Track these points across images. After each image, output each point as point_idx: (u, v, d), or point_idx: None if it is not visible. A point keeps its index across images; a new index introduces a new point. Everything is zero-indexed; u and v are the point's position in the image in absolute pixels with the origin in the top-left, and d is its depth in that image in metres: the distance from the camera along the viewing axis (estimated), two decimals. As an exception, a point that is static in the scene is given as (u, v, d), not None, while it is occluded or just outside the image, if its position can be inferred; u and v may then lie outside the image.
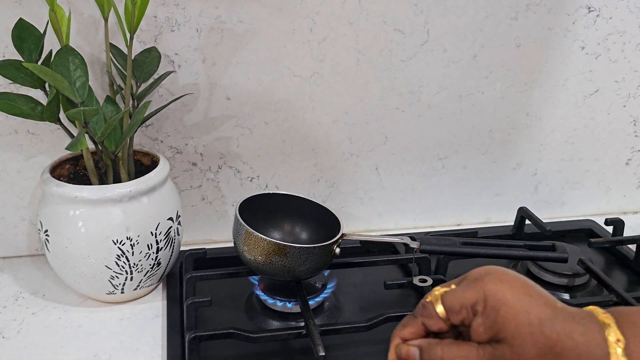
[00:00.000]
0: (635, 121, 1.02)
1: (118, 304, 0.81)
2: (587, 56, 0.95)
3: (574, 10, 0.92)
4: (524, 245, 0.80)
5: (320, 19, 0.86)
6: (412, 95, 0.93)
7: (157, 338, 0.75)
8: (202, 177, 0.92)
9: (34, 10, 0.78)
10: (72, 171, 0.82)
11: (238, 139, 0.91)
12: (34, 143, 0.85)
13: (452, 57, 0.92)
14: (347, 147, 0.94)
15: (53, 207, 0.75)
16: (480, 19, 0.90)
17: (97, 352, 0.73)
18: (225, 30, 0.84)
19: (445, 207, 1.02)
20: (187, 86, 0.86)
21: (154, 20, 0.82)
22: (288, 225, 0.83)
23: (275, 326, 0.76)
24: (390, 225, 1.02)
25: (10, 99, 0.73)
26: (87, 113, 0.71)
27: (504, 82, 0.95)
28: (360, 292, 0.84)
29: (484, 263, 0.87)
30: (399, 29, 0.88)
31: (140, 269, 0.77)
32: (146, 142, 0.88)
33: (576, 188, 1.05)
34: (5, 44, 0.80)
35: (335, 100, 0.91)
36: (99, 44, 0.82)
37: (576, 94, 0.98)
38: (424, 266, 0.82)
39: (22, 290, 0.84)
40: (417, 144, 0.96)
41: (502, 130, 0.98)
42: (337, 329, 0.71)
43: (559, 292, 0.84)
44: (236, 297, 0.82)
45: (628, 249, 0.93)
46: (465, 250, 0.77)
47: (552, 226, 0.96)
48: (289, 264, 0.73)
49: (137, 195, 0.75)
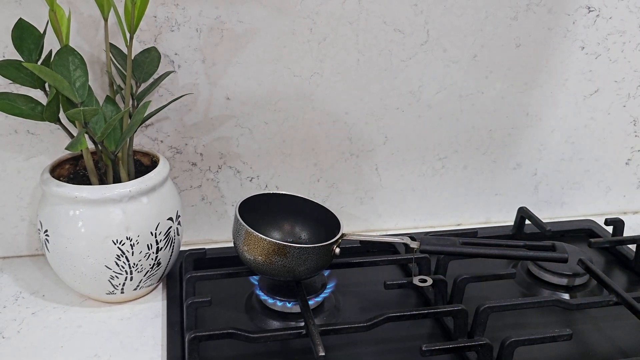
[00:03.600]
0: (635, 121, 1.02)
1: (118, 304, 0.81)
2: (587, 56, 0.95)
3: (574, 10, 0.92)
4: (524, 245, 0.80)
5: (320, 19, 0.86)
6: (412, 95, 0.93)
7: (157, 338, 0.75)
8: (202, 177, 0.92)
9: (34, 10, 0.78)
10: (72, 171, 0.82)
11: (238, 139, 0.91)
12: (34, 143, 0.85)
13: (452, 57, 0.92)
14: (347, 147, 0.94)
15: (53, 207, 0.75)
16: (480, 19, 0.90)
17: (97, 352, 0.73)
18: (225, 30, 0.84)
19: (445, 207, 1.02)
20: (187, 86, 0.86)
21: (154, 20, 0.82)
22: (288, 225, 0.83)
23: (275, 326, 0.76)
24: (390, 225, 1.02)
25: (10, 99, 0.73)
26: (87, 113, 0.71)
27: (504, 82, 0.95)
28: (360, 292, 0.84)
29: (484, 263, 0.88)
30: (399, 29, 0.88)
31: (140, 269, 0.77)
32: (146, 142, 0.88)
33: (576, 188, 1.05)
34: (5, 44, 0.80)
35: (335, 100, 0.91)
36: (99, 44, 0.82)
37: (576, 94, 0.98)
38: (424, 266, 0.83)
39: (22, 290, 0.84)
40: (417, 144, 0.96)
41: (502, 130, 0.98)
42: (337, 329, 0.71)
43: (559, 292, 0.84)
44: (236, 297, 0.82)
45: (628, 249, 0.93)
46: (465, 250, 0.77)
47: (552, 226, 0.96)
48: (289, 264, 0.73)
49: (137, 195, 0.75)
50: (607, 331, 0.77)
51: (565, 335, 0.69)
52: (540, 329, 0.77)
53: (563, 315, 0.79)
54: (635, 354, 0.73)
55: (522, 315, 0.79)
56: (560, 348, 0.74)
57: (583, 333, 0.77)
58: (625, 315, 0.78)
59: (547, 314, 0.79)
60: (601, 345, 0.75)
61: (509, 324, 0.77)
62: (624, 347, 0.74)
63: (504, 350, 0.68)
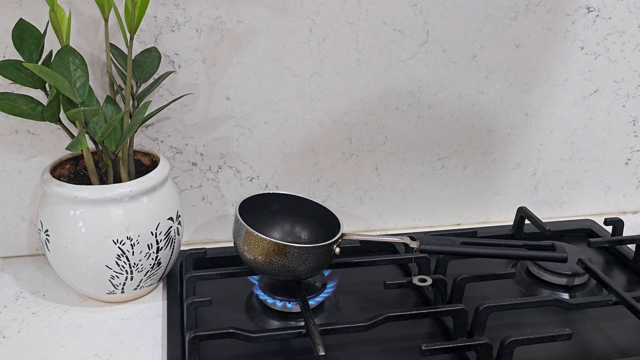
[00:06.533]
0: (635, 121, 1.02)
1: (118, 304, 0.81)
2: (587, 56, 0.96)
3: (574, 10, 0.92)
4: (523, 245, 0.80)
5: (320, 19, 0.86)
6: (411, 95, 0.93)
7: (157, 338, 0.75)
8: (202, 177, 0.92)
9: (34, 10, 0.78)
10: (72, 171, 0.82)
11: (238, 139, 0.91)
12: (35, 143, 0.86)
13: (452, 57, 0.92)
14: (347, 147, 0.95)
15: (53, 207, 0.75)
16: (479, 19, 0.90)
17: (97, 351, 0.73)
18: (225, 31, 0.84)
19: (445, 207, 1.02)
20: (187, 86, 0.87)
21: (154, 21, 0.82)
22: (288, 225, 0.83)
23: (275, 326, 0.76)
24: (390, 225, 1.02)
25: (11, 99, 0.73)
26: (88, 113, 0.71)
27: (503, 82, 0.95)
28: (360, 292, 0.84)
29: (484, 263, 0.88)
30: (399, 29, 0.88)
31: (140, 268, 0.77)
32: (146, 142, 0.88)
33: (575, 188, 1.05)
34: (6, 44, 0.80)
35: (335, 100, 0.91)
36: (99, 44, 0.82)
37: (575, 94, 0.98)
38: (423, 266, 0.83)
39: (22, 290, 0.84)
40: (416, 144, 0.96)
41: (502, 130, 0.98)
42: (337, 328, 0.71)
43: (559, 291, 0.84)
44: (236, 297, 0.82)
45: (627, 249, 0.93)
46: (464, 250, 0.77)
47: (552, 226, 0.96)
48: (289, 263, 0.73)
49: (137, 195, 0.75)
50: (607, 331, 0.77)
51: (564, 334, 0.69)
52: (539, 329, 0.77)
53: (562, 315, 0.79)
54: (635, 354, 0.73)
55: (522, 315, 0.79)
56: (560, 348, 0.74)
57: (582, 333, 0.77)
58: (625, 315, 0.78)
59: (546, 314, 0.79)
60: (600, 345, 0.75)
61: (509, 324, 0.78)
62: (624, 346, 0.74)
63: (504, 350, 0.68)
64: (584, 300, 0.77)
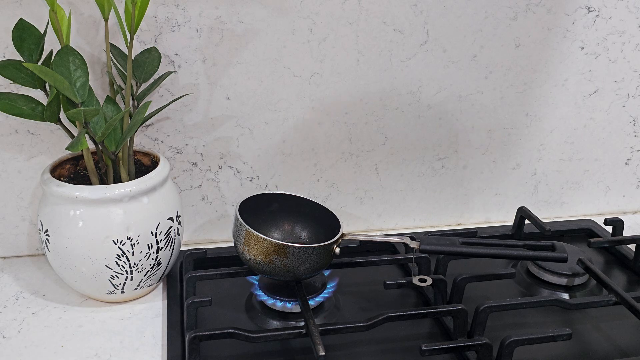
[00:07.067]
0: (635, 121, 1.02)
1: (118, 304, 0.81)
2: (587, 56, 0.96)
3: (574, 10, 0.92)
4: (523, 245, 0.80)
5: (320, 19, 0.86)
6: (411, 95, 0.93)
7: (157, 338, 0.75)
8: (202, 177, 0.92)
9: (34, 10, 0.78)
10: (72, 171, 0.82)
11: (238, 139, 0.91)
12: (35, 143, 0.86)
13: (452, 57, 0.92)
14: (347, 147, 0.95)
15: (53, 207, 0.75)
16: (479, 19, 0.90)
17: (97, 351, 0.73)
18: (225, 31, 0.84)
19: (445, 207, 1.02)
20: (187, 86, 0.87)
21: (154, 21, 0.82)
22: (288, 225, 0.83)
23: (275, 326, 0.76)
24: (390, 225, 1.02)
25: (11, 99, 0.73)
26: (88, 113, 0.71)
27: (503, 82, 0.95)
28: (360, 292, 0.84)
29: (484, 263, 0.88)
30: (399, 29, 0.88)
31: (140, 268, 0.77)
32: (146, 142, 0.88)
33: (575, 188, 1.05)
34: (6, 44, 0.80)
35: (335, 100, 0.91)
36: (99, 44, 0.82)
37: (575, 94, 0.98)
38: (423, 266, 0.83)
39: (22, 290, 0.84)
40: (416, 144, 0.96)
41: (502, 130, 0.98)
42: (337, 328, 0.71)
43: (559, 291, 0.84)
44: (236, 297, 0.82)
45: (627, 249, 0.93)
46: (464, 250, 0.77)
47: (552, 226, 0.96)
48: (289, 263, 0.73)
49: (137, 195, 0.75)
50: (607, 331, 0.77)
51: (564, 334, 0.69)
52: (539, 329, 0.77)
53: (562, 315, 0.79)
54: (635, 354, 0.73)
55: (522, 315, 0.79)
56: (560, 348, 0.74)
57: (582, 333, 0.77)
58: (625, 315, 0.78)
59: (546, 314, 0.79)
60: (600, 345, 0.75)
61: (509, 324, 0.78)
62: (624, 346, 0.74)
63: (504, 350, 0.68)
64: (584, 300, 0.77)
